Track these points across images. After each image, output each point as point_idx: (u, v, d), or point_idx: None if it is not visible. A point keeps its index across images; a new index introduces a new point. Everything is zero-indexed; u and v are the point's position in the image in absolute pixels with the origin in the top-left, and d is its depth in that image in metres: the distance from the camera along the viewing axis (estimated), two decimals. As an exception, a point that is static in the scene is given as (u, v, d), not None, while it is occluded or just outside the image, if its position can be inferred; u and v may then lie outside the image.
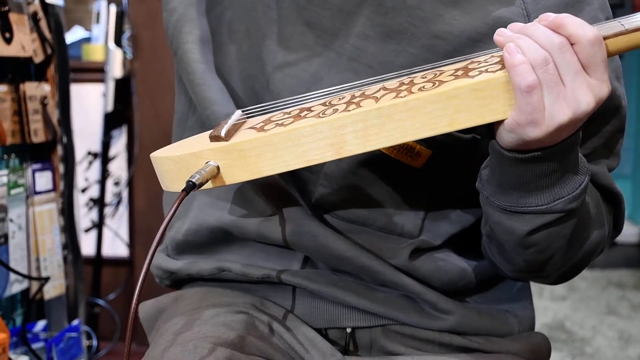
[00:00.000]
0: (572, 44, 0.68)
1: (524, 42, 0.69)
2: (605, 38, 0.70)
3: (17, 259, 1.57)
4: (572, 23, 0.69)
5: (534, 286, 3.23)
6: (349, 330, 0.90)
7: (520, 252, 0.82)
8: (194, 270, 0.96)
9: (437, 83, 0.70)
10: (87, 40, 2.51)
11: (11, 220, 1.55)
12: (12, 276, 1.55)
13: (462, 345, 0.91)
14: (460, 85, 0.69)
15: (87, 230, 2.45)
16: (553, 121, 0.68)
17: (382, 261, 0.88)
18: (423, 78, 0.73)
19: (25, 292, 1.61)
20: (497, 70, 0.70)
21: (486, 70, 0.70)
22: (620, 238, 4.35)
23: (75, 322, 1.72)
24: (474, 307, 0.92)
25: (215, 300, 0.92)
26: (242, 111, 0.83)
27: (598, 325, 2.83)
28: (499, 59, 0.72)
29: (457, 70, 0.72)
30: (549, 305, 3.07)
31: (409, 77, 0.76)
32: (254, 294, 0.94)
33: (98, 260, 2.36)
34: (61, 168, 1.74)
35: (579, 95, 0.68)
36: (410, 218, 0.90)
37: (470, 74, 0.70)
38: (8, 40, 1.52)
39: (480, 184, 0.81)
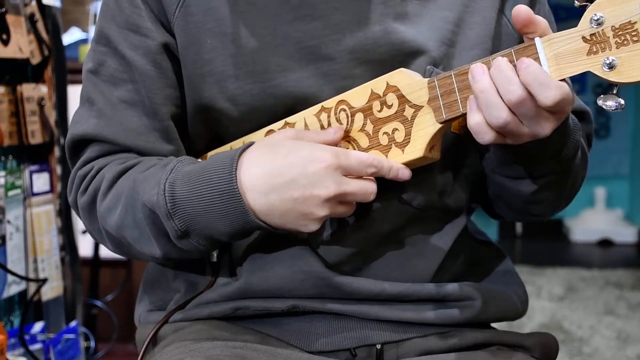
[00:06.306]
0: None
1: (485, 105, 0.76)
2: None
3: (14, 260, 1.56)
4: (533, 83, 0.73)
5: (532, 287, 3.24)
6: (378, 346, 0.89)
7: (527, 206, 0.93)
8: (204, 314, 0.92)
9: None
10: (85, 41, 2.51)
11: (9, 222, 1.55)
12: (10, 278, 1.54)
13: (483, 341, 0.91)
14: None
15: (84, 232, 2.44)
16: (521, 140, 0.78)
17: (410, 284, 0.89)
18: None
19: (23, 294, 1.60)
20: None
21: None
22: (618, 238, 4.35)
23: (73, 324, 1.72)
24: (488, 290, 0.93)
25: (217, 334, 0.88)
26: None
27: (596, 325, 2.83)
28: None
29: None
30: (547, 305, 3.07)
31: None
32: (265, 327, 0.91)
33: (96, 262, 2.36)
34: (58, 169, 1.74)
35: (536, 130, 0.76)
36: (457, 192, 0.93)
37: None
38: (5, 42, 1.52)
39: (484, 160, 0.91)
